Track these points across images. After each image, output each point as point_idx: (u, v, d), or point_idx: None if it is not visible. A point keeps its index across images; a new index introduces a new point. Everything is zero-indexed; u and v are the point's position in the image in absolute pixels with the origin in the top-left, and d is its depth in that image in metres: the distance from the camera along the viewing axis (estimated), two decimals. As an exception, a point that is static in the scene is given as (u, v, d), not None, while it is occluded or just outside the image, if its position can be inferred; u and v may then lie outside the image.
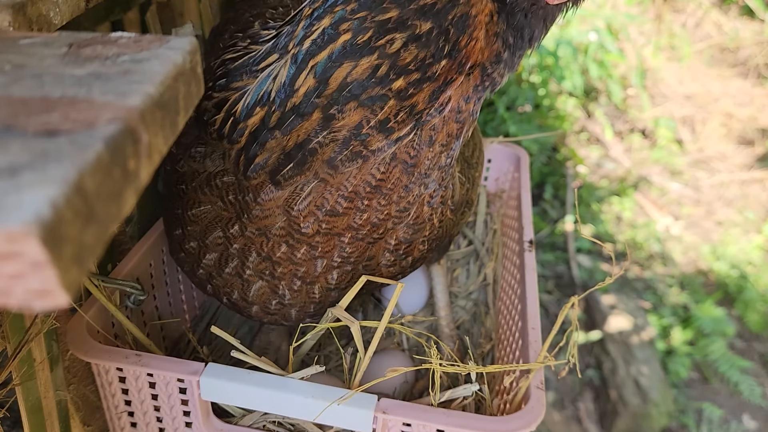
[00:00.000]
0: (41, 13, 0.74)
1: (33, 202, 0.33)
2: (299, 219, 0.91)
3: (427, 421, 0.92)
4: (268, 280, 1.00)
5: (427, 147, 0.89)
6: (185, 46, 0.55)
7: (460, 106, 0.88)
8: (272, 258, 0.96)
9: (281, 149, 0.87)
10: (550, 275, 3.19)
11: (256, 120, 0.88)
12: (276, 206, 0.90)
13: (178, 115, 0.52)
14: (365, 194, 0.89)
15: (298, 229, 0.92)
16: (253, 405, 0.99)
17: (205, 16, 1.61)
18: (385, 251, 0.99)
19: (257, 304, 1.05)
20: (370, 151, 0.86)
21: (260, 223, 0.93)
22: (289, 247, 0.94)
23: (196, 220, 1.01)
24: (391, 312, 1.00)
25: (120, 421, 1.10)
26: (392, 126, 0.84)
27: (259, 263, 0.98)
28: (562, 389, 2.69)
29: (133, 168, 0.43)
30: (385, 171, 0.88)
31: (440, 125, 0.88)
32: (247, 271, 1.00)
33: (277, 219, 0.92)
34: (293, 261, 0.96)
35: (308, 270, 0.97)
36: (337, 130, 0.84)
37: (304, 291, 1.01)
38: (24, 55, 0.54)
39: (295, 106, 0.85)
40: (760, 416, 2.61)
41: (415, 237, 1.00)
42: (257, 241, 0.95)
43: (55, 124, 0.42)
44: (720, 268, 3.31)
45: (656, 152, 4.16)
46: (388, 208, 0.92)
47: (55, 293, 0.35)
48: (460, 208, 1.13)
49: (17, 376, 0.92)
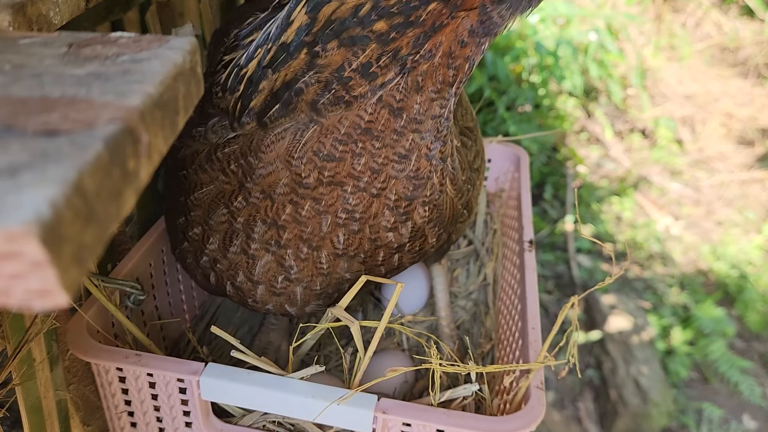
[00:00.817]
0: (41, 13, 0.74)
1: (33, 202, 0.33)
2: (300, 168, 0.90)
3: (427, 421, 0.92)
4: (274, 251, 0.98)
5: (415, 93, 0.87)
6: (185, 46, 0.55)
7: (454, 51, 0.84)
8: (278, 222, 0.95)
9: (270, 89, 0.88)
10: (550, 275, 3.20)
11: (255, 62, 0.89)
12: (278, 158, 0.90)
13: (177, 115, 0.52)
14: (357, 137, 0.88)
15: (300, 181, 0.91)
16: (253, 405, 0.99)
17: (205, 16, 1.61)
18: (385, 209, 0.96)
19: (263, 283, 1.03)
20: (352, 96, 0.85)
21: (264, 183, 0.92)
22: (294, 205, 0.93)
23: (199, 203, 1.00)
24: (390, 312, 1.00)
25: (120, 421, 1.10)
26: (375, 71, 0.83)
27: (265, 232, 0.97)
28: (562, 389, 2.69)
29: (133, 168, 0.43)
30: (372, 112, 0.87)
31: (429, 71, 0.85)
32: (252, 245, 0.98)
33: (281, 174, 0.91)
34: (298, 220, 0.94)
35: (314, 230, 0.95)
36: (320, 71, 0.84)
37: (311, 260, 0.99)
38: (24, 55, 0.54)
39: (286, 44, 0.85)
40: (760, 416, 2.61)
41: (415, 194, 0.97)
42: (262, 206, 0.94)
43: (55, 124, 0.42)
44: (720, 268, 3.31)
45: (656, 152, 4.16)
46: (384, 151, 0.90)
47: (55, 293, 0.35)
48: (461, 192, 1.11)
49: (17, 376, 0.92)
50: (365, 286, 1.02)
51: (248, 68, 0.91)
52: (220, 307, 1.48)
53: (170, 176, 1.09)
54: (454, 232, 1.19)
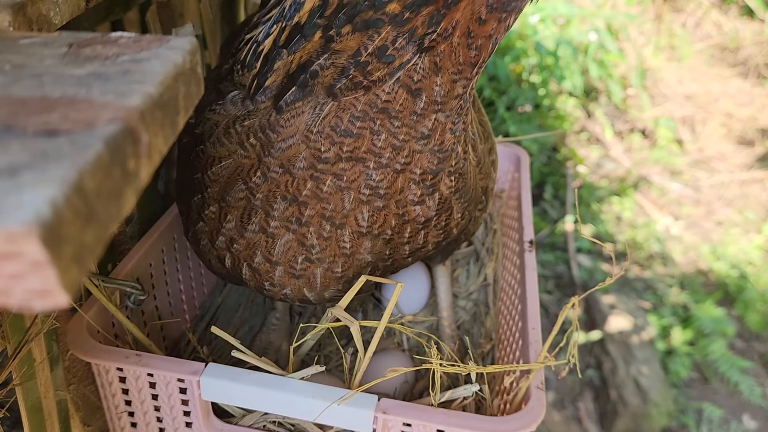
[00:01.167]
0: (41, 13, 0.74)
1: (33, 202, 0.33)
2: (319, 143, 0.88)
3: (427, 421, 0.92)
4: (295, 229, 0.95)
5: (434, 74, 0.84)
6: (185, 46, 0.55)
7: (473, 30, 0.81)
8: (298, 199, 0.92)
9: (286, 71, 0.87)
10: (550, 275, 3.20)
11: (271, 40, 0.89)
12: (297, 132, 0.89)
13: (178, 115, 0.52)
14: (373, 115, 0.86)
15: (319, 156, 0.89)
16: (254, 405, 0.99)
17: (205, 16, 1.61)
18: (411, 182, 0.94)
19: (282, 264, 1.00)
20: (371, 81, 0.83)
21: (283, 157, 0.90)
22: (315, 180, 0.91)
23: (217, 178, 0.98)
24: (390, 312, 1.00)
25: (120, 421, 1.10)
26: (392, 53, 0.81)
27: (285, 209, 0.94)
28: (562, 389, 2.69)
29: (133, 168, 0.43)
30: (390, 92, 0.85)
31: (448, 51, 0.82)
32: (272, 223, 0.95)
33: (300, 148, 0.89)
34: (320, 197, 0.92)
35: (336, 207, 0.93)
36: (336, 56, 0.83)
37: (334, 238, 0.96)
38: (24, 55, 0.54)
39: (300, 24, 0.84)
40: (760, 416, 2.61)
41: (441, 167, 0.95)
42: (282, 181, 0.92)
43: (55, 124, 0.42)
44: (720, 268, 3.31)
45: (656, 152, 4.16)
46: (404, 129, 0.88)
47: (55, 293, 0.35)
48: (481, 164, 1.09)
49: (17, 376, 0.92)
50: (366, 289, 1.02)
51: (265, 45, 0.90)
52: (221, 307, 1.48)
53: (186, 154, 1.06)
54: (473, 222, 1.16)
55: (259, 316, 1.47)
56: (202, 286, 1.46)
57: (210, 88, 1.03)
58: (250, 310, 1.48)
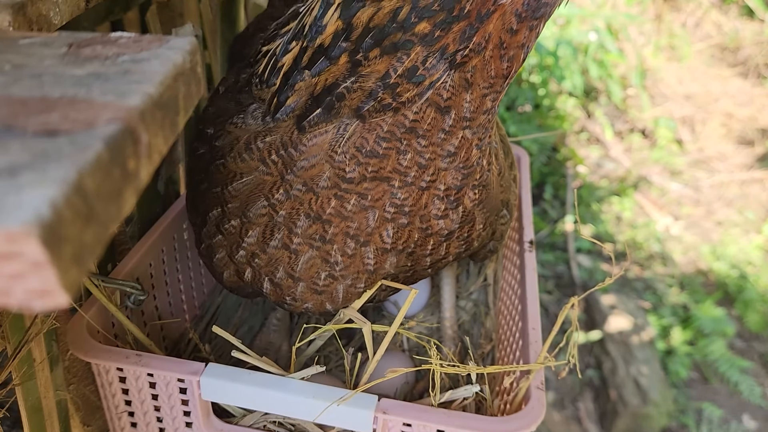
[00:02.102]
0: (41, 13, 0.74)
1: (33, 202, 0.33)
2: (343, 163, 0.87)
3: (427, 422, 0.92)
4: (318, 246, 0.94)
5: (464, 90, 0.82)
6: (185, 46, 0.55)
7: (504, 41, 0.79)
8: (322, 217, 0.91)
9: (309, 93, 0.85)
10: (550, 275, 3.19)
11: (290, 57, 0.87)
12: (320, 151, 0.87)
13: (177, 115, 0.52)
14: (401, 135, 0.85)
15: (344, 176, 0.87)
16: (254, 405, 0.99)
17: (205, 16, 1.61)
18: (435, 198, 0.93)
19: (304, 280, 0.98)
20: (400, 102, 0.82)
21: (306, 175, 0.89)
22: (339, 199, 0.89)
23: (237, 194, 0.96)
24: (402, 317, 1.00)
25: (120, 421, 1.10)
26: (422, 74, 0.80)
27: (308, 227, 0.92)
28: (562, 389, 2.69)
29: (133, 168, 0.43)
30: (418, 112, 0.83)
31: (480, 66, 0.80)
32: (295, 239, 0.94)
33: (323, 168, 0.88)
34: (344, 216, 0.91)
35: (361, 225, 0.92)
36: (363, 79, 0.81)
37: (358, 256, 0.95)
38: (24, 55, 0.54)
39: (324, 47, 0.82)
40: (759, 416, 2.61)
41: (465, 182, 0.94)
42: (305, 199, 0.91)
43: (55, 124, 0.42)
44: (720, 268, 3.31)
45: (656, 152, 4.16)
46: (431, 148, 0.87)
47: (55, 293, 0.35)
48: (502, 174, 1.08)
49: (17, 376, 0.92)
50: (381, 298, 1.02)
51: (284, 62, 0.88)
52: (220, 307, 1.47)
53: (202, 165, 1.04)
54: (496, 236, 1.14)
55: (259, 316, 1.47)
56: (202, 286, 1.46)
57: (228, 96, 1.02)
58: (250, 310, 1.48)
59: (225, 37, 1.63)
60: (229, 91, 1.04)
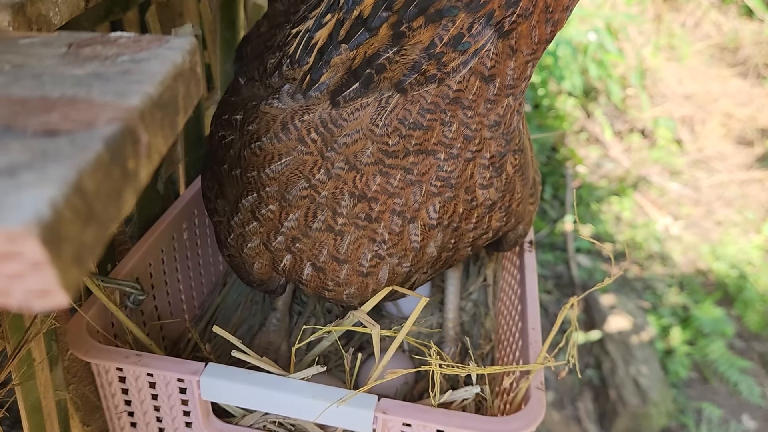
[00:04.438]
0: (41, 13, 0.74)
1: (32, 202, 0.33)
2: (386, 137, 0.84)
3: (427, 422, 0.92)
4: (365, 225, 0.91)
5: (508, 58, 0.80)
6: (185, 46, 0.55)
7: (550, 5, 0.76)
8: (367, 195, 0.89)
9: (347, 67, 0.83)
10: (549, 275, 3.20)
11: (325, 32, 0.84)
12: (361, 126, 0.85)
13: (177, 115, 0.52)
14: (445, 106, 0.82)
15: (387, 150, 0.85)
16: (254, 405, 0.99)
17: (205, 16, 1.61)
18: (481, 167, 0.90)
19: (350, 262, 0.95)
20: (444, 72, 0.80)
21: (348, 152, 0.86)
22: (383, 176, 0.87)
23: (276, 176, 0.92)
24: (412, 323, 1.00)
25: (120, 421, 1.10)
26: (467, 41, 0.77)
27: (354, 206, 0.90)
28: (561, 389, 2.69)
29: (133, 168, 0.43)
30: (461, 81, 0.81)
31: (525, 32, 0.78)
32: (340, 220, 0.91)
33: (366, 143, 0.85)
34: (390, 192, 0.88)
35: (407, 201, 0.89)
36: (407, 50, 0.78)
37: (405, 233, 0.92)
38: (23, 55, 0.54)
39: (363, 18, 0.79)
40: (759, 416, 2.61)
41: (508, 148, 0.92)
42: (348, 177, 0.88)
43: (55, 124, 0.42)
44: (719, 268, 3.31)
45: (655, 152, 4.16)
46: (477, 118, 0.84)
47: (55, 293, 0.35)
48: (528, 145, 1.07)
49: (17, 376, 0.92)
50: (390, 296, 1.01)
51: (318, 37, 0.85)
52: (219, 307, 1.47)
53: (234, 152, 1.01)
54: (527, 222, 1.12)
55: (258, 316, 1.47)
56: (202, 286, 1.46)
57: (254, 84, 1.00)
58: (249, 309, 1.48)
59: (224, 37, 1.63)
60: (254, 79, 1.01)
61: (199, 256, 1.43)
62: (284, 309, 1.42)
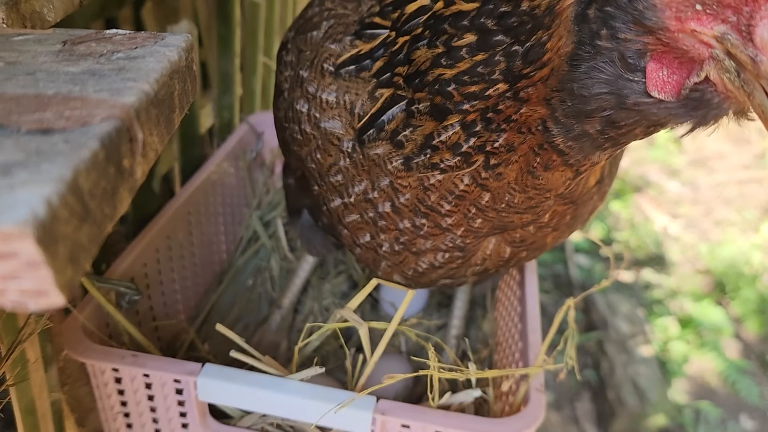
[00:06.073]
0: (35, 9, 0.73)
1: (27, 201, 0.33)
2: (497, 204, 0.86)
3: (425, 423, 0.92)
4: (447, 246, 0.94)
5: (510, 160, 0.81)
6: (181, 43, 0.54)
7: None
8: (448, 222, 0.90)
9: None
10: (548, 275, 3.19)
11: (458, 130, 0.81)
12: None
13: (173, 113, 0.51)
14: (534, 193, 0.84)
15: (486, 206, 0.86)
16: (251, 406, 0.99)
17: (200, 13, 1.60)
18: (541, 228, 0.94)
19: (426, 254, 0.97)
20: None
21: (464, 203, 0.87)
22: (486, 221, 0.89)
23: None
24: (399, 318, 1.00)
25: (115, 422, 1.09)
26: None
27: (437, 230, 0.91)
28: (559, 390, 2.69)
29: (128, 166, 0.43)
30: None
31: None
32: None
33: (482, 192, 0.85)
34: (472, 232, 0.91)
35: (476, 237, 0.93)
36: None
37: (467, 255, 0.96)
38: (17, 52, 0.53)
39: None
40: (757, 416, 2.62)
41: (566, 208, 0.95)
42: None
43: (50, 121, 0.41)
44: (718, 268, 3.31)
45: (654, 151, 4.17)
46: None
47: (51, 293, 0.35)
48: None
49: (11, 377, 0.91)
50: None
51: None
52: (215, 306, 1.47)
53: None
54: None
55: (254, 314, 1.46)
56: (197, 286, 1.46)
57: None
58: (246, 308, 1.48)
59: (220, 34, 1.62)
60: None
61: (194, 256, 1.42)
62: (290, 307, 1.41)
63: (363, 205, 0.93)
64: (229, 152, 1.56)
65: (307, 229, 1.25)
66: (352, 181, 0.92)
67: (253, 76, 1.82)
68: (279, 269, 1.55)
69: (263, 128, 1.68)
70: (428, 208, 0.87)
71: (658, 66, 0.63)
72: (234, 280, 1.54)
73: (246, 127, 1.67)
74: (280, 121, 1.03)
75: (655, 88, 0.63)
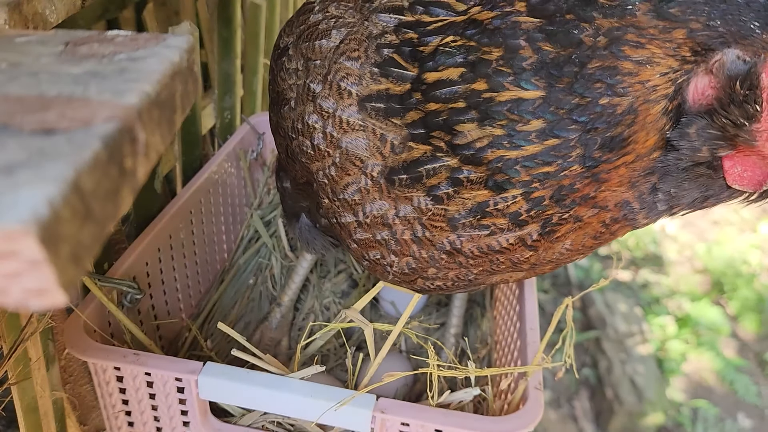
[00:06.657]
0: (37, 11, 0.74)
1: (30, 201, 0.33)
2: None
3: (425, 421, 0.92)
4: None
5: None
6: (182, 44, 0.55)
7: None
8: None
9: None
10: (546, 274, 3.20)
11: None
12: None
13: (175, 114, 0.52)
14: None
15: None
16: (252, 405, 0.99)
17: (202, 14, 1.60)
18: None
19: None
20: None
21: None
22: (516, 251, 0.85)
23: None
24: (406, 319, 1.00)
25: (117, 421, 1.10)
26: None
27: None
28: (558, 388, 2.70)
29: (130, 167, 0.43)
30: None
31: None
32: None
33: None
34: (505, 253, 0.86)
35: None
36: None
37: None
38: (20, 53, 0.53)
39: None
40: (754, 415, 2.62)
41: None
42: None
43: (52, 122, 0.42)
44: (715, 267, 3.31)
45: (652, 151, 4.16)
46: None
47: (53, 292, 0.35)
48: None
49: (13, 376, 0.92)
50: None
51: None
52: (216, 304, 1.47)
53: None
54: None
55: (255, 313, 1.47)
56: (198, 285, 1.46)
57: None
58: (246, 307, 1.48)
59: (221, 36, 1.62)
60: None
61: (195, 255, 1.42)
62: (289, 305, 1.42)
63: (379, 227, 0.88)
64: (230, 152, 1.56)
65: (306, 231, 1.24)
66: (371, 203, 0.87)
67: (254, 78, 1.82)
68: (280, 268, 1.55)
69: (264, 129, 1.69)
70: (455, 249, 0.84)
71: (731, 164, 0.70)
72: (235, 279, 1.54)
73: (247, 128, 1.67)
74: (285, 129, 0.98)
75: (736, 182, 0.71)
